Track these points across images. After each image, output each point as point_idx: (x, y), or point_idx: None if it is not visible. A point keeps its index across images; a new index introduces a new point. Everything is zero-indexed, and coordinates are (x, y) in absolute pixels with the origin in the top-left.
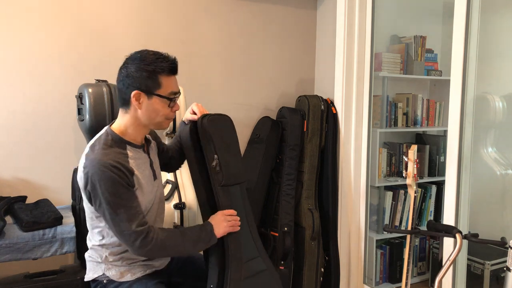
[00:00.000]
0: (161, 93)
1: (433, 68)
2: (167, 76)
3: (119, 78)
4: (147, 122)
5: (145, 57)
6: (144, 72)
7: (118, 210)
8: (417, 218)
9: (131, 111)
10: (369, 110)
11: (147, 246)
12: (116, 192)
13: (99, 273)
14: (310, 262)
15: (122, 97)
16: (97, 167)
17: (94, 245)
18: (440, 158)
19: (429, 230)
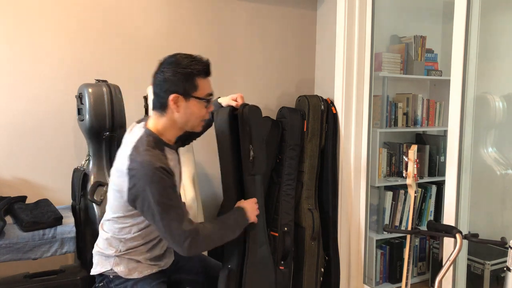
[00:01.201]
0: (198, 95)
1: (433, 68)
2: (202, 78)
3: (155, 83)
4: (184, 124)
5: (180, 60)
6: (181, 75)
7: (169, 211)
8: (417, 218)
9: (168, 114)
10: (369, 110)
11: (197, 244)
12: (166, 194)
13: (107, 268)
14: (310, 262)
15: (159, 101)
16: (147, 170)
17: (111, 236)
18: (440, 158)
19: (429, 230)
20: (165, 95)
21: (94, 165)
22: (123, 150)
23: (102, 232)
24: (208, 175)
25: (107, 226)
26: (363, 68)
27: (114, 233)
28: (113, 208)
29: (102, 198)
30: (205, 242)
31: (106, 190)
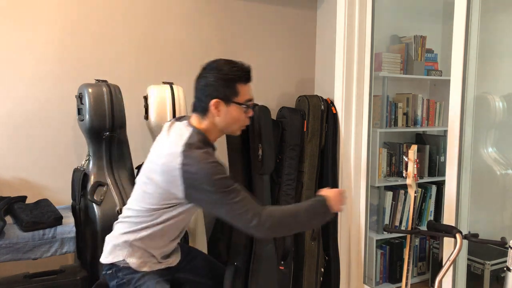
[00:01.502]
0: (239, 100)
1: (433, 68)
2: (243, 84)
3: (197, 88)
4: (224, 128)
5: (221, 66)
6: (222, 81)
7: (231, 196)
8: (417, 218)
9: (208, 118)
10: (369, 110)
11: (266, 224)
12: (225, 182)
13: (119, 258)
14: (310, 262)
15: (200, 105)
16: (203, 164)
17: (134, 227)
18: (440, 158)
19: (429, 230)
20: (206, 99)
21: (94, 165)
22: (166, 146)
23: (122, 222)
24: None
25: (131, 217)
26: (363, 68)
27: (137, 224)
28: (145, 200)
29: (102, 198)
30: (274, 224)
31: (106, 190)
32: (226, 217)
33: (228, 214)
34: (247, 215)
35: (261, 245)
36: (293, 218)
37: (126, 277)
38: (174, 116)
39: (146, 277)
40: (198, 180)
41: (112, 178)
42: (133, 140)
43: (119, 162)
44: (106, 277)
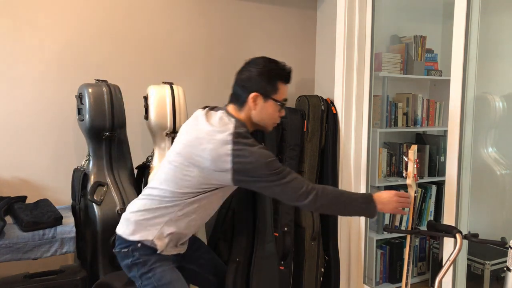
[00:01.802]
0: (276, 98)
1: (433, 68)
2: (283, 83)
3: (239, 79)
4: (257, 122)
5: (266, 63)
6: (265, 77)
7: (285, 175)
8: (417, 218)
9: (245, 110)
10: (369, 110)
11: (321, 199)
12: (277, 164)
13: (148, 238)
14: (310, 262)
15: (240, 97)
16: (254, 148)
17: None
18: (440, 158)
19: (429, 230)
20: (247, 92)
21: (94, 165)
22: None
23: (150, 199)
24: None
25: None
26: (363, 68)
27: (172, 206)
28: (183, 183)
29: (102, 198)
30: (327, 201)
31: (106, 190)
32: (280, 195)
33: (284, 192)
34: (303, 191)
35: (263, 243)
36: (343, 202)
37: (143, 258)
38: (174, 116)
39: (161, 261)
40: (251, 165)
41: (112, 178)
42: (133, 140)
43: (119, 162)
44: (118, 254)
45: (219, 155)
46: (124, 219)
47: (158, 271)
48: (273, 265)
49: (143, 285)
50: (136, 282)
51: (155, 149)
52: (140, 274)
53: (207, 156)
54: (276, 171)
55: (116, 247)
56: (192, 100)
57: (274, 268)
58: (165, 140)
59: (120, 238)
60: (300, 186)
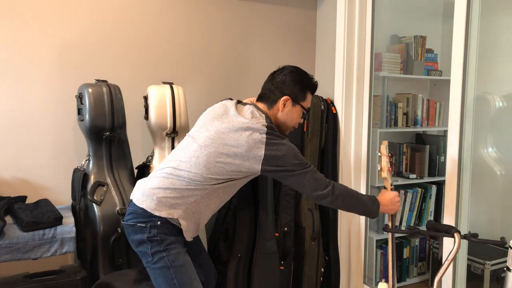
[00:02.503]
0: (303, 105)
1: (433, 68)
2: (311, 94)
3: (273, 81)
4: (281, 124)
5: (301, 72)
6: (298, 84)
7: (308, 168)
8: (417, 218)
9: (273, 110)
10: (369, 110)
11: (335, 193)
12: (304, 159)
13: (173, 216)
14: (310, 262)
15: (272, 97)
16: (284, 141)
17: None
18: (440, 158)
19: (429, 230)
20: (279, 94)
21: (94, 165)
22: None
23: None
24: None
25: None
26: (363, 68)
27: (197, 189)
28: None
29: (102, 198)
30: (342, 197)
31: (106, 190)
32: (301, 185)
33: (305, 183)
34: (322, 185)
35: (264, 240)
36: (354, 200)
37: (160, 236)
38: (174, 116)
39: (176, 243)
40: (281, 153)
41: (112, 178)
42: (133, 140)
43: (119, 162)
44: (130, 228)
45: (255, 142)
46: (146, 193)
47: (173, 252)
48: (274, 263)
49: (153, 261)
50: (143, 258)
51: (155, 149)
52: (154, 251)
53: (244, 143)
54: (301, 162)
55: (130, 219)
56: (192, 100)
57: (275, 266)
58: (165, 140)
59: (139, 211)
60: (321, 177)
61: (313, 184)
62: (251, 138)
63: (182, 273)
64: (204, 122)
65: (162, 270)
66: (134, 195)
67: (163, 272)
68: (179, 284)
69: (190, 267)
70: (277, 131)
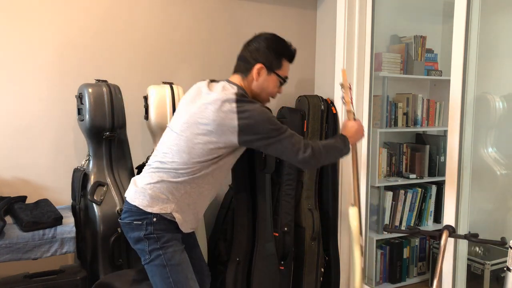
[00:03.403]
0: (279, 73)
1: (433, 68)
2: (287, 62)
3: (247, 49)
4: (256, 94)
5: (276, 39)
6: (272, 51)
7: (285, 133)
8: (417, 218)
9: (247, 79)
10: (369, 110)
11: (317, 154)
12: (277, 122)
13: (167, 211)
14: (310, 262)
15: (245, 66)
16: (256, 106)
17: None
18: (440, 158)
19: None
20: (253, 62)
21: (94, 165)
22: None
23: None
24: None
25: (177, 171)
26: (363, 68)
27: (184, 181)
28: (191, 153)
29: (102, 198)
30: (322, 152)
31: (106, 190)
32: (282, 152)
33: (284, 149)
34: (302, 147)
35: (263, 242)
36: (332, 151)
37: (157, 233)
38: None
39: (174, 241)
40: (254, 120)
41: (112, 178)
42: (133, 140)
43: (119, 162)
44: (127, 226)
45: (226, 113)
46: (138, 191)
47: (170, 251)
48: (274, 265)
49: (151, 259)
50: (141, 255)
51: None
52: (151, 249)
53: (214, 117)
54: (277, 127)
55: (126, 218)
56: None
57: (274, 268)
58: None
59: (133, 209)
60: (299, 140)
61: (292, 149)
62: (221, 111)
63: (178, 272)
64: (179, 109)
65: (159, 268)
66: (128, 193)
67: (159, 270)
68: (175, 283)
69: (186, 266)
70: (247, 97)
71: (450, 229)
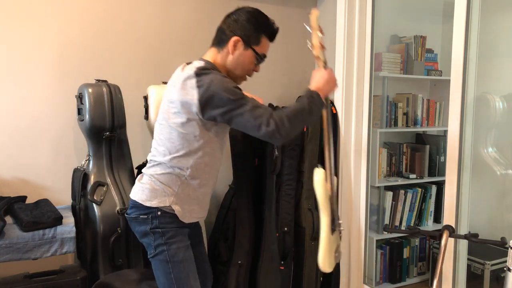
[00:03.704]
0: (257, 50)
1: (433, 68)
2: (267, 39)
3: (226, 21)
4: (230, 69)
5: (258, 14)
6: (252, 25)
7: (249, 104)
8: (417, 218)
9: (223, 53)
10: (369, 110)
11: (279, 124)
12: (238, 93)
13: (165, 204)
14: (310, 262)
15: (221, 37)
16: (216, 76)
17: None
18: (440, 158)
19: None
20: (230, 34)
21: (94, 165)
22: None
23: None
24: None
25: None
26: (363, 68)
27: (176, 170)
28: (174, 142)
29: (102, 198)
30: (288, 122)
31: (106, 190)
32: (245, 126)
33: (246, 123)
34: (263, 121)
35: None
36: (301, 115)
37: (162, 227)
38: None
39: (178, 236)
40: (212, 92)
41: (112, 178)
42: (133, 140)
43: (119, 162)
44: (133, 221)
45: (188, 90)
46: (138, 186)
47: (173, 247)
48: (276, 265)
49: (155, 253)
50: (148, 249)
51: None
52: (156, 244)
53: (177, 97)
54: (236, 97)
55: (132, 213)
56: None
57: (277, 268)
58: None
59: (137, 204)
60: (262, 113)
61: (254, 123)
62: (183, 89)
63: (180, 269)
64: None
65: (162, 263)
66: (132, 189)
67: (163, 265)
68: (175, 279)
69: (189, 263)
70: (209, 69)
71: (450, 229)
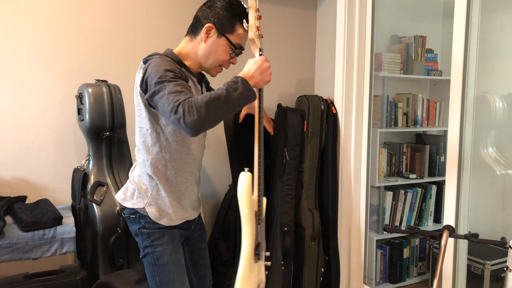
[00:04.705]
0: (231, 38)
1: (433, 68)
2: (242, 29)
3: (201, 8)
4: (203, 59)
5: (237, 3)
6: (227, 12)
7: (167, 88)
8: (417, 218)
9: (196, 41)
10: (369, 110)
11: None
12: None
13: (140, 205)
14: (310, 262)
15: (195, 24)
16: (154, 63)
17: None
18: (440, 158)
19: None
20: (204, 21)
21: (94, 165)
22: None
23: (138, 167)
24: (208, 176)
25: (143, 159)
26: (363, 68)
27: (146, 170)
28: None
29: (102, 198)
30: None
31: (106, 190)
32: (162, 112)
33: (163, 107)
34: (174, 107)
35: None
36: (218, 103)
37: (147, 227)
38: None
39: (164, 238)
40: (147, 75)
41: (112, 178)
42: (133, 140)
43: (119, 162)
44: (127, 219)
45: (137, 80)
46: (124, 187)
47: (158, 250)
48: (279, 267)
49: (143, 255)
50: (140, 248)
51: None
52: (144, 245)
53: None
54: (161, 79)
55: (126, 212)
56: None
57: (280, 270)
58: None
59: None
60: (176, 98)
61: (166, 109)
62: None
63: (164, 272)
64: None
65: (149, 265)
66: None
67: (149, 267)
68: (160, 283)
69: (174, 267)
70: (158, 54)
71: (450, 229)
